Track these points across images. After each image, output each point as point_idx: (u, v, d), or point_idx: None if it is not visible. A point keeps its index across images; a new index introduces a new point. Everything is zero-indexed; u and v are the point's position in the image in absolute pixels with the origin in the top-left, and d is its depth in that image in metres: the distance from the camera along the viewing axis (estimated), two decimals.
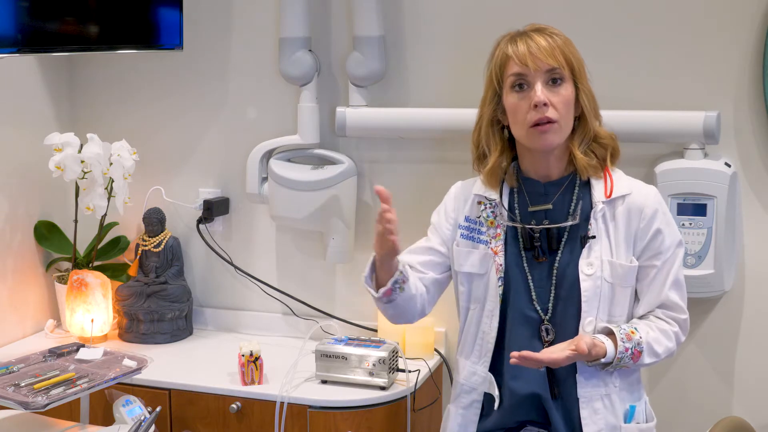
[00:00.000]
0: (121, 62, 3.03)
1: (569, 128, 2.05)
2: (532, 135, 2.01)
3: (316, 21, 2.79)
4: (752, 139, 2.50)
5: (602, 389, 2.03)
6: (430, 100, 2.73)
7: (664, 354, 2.04)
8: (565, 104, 2.01)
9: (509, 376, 2.07)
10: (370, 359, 2.47)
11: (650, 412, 2.14)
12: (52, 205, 3.02)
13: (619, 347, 1.96)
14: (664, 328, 2.05)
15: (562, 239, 2.06)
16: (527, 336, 2.05)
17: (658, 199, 2.09)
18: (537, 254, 2.07)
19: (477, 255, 2.12)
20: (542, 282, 2.06)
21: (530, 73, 2.00)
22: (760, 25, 2.44)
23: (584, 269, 2.02)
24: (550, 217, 2.07)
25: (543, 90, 1.99)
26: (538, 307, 2.05)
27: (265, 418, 2.47)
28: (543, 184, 2.09)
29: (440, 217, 2.22)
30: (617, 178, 2.09)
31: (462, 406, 2.15)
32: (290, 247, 2.95)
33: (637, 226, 2.05)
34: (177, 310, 2.89)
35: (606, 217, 2.05)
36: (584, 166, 2.05)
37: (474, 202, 2.16)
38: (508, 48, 2.04)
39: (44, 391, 2.05)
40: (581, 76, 2.05)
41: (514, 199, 2.11)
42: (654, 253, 2.05)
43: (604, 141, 2.09)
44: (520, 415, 2.07)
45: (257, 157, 2.85)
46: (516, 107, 2.02)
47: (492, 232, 2.11)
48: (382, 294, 2.05)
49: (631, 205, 2.05)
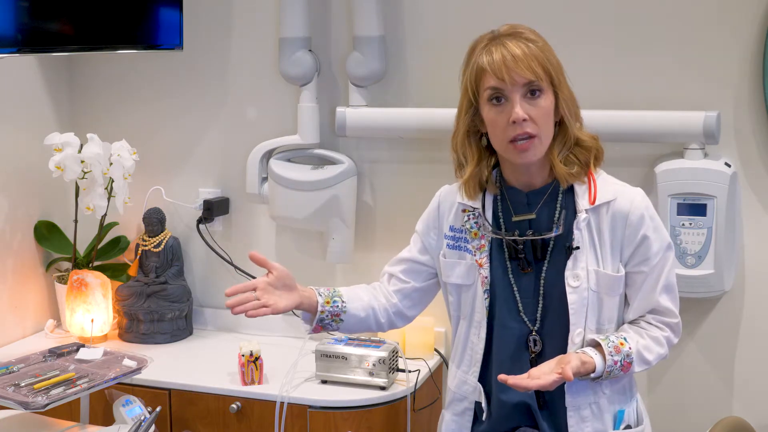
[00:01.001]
0: (121, 62, 3.04)
1: (549, 139, 1.98)
2: (511, 151, 1.95)
3: (316, 21, 2.79)
4: (752, 139, 2.50)
5: (590, 397, 2.00)
6: (430, 100, 2.73)
7: (655, 361, 2.00)
8: (544, 116, 1.94)
9: (498, 386, 2.05)
10: (370, 359, 2.47)
11: (641, 413, 2.09)
12: (52, 205, 3.02)
13: (608, 361, 1.92)
14: (655, 335, 2.01)
15: (547, 249, 2.01)
16: (515, 347, 2.02)
17: (645, 203, 2.01)
18: (522, 265, 2.02)
19: (464, 266, 2.08)
20: (529, 293, 2.02)
21: (507, 87, 1.92)
22: (760, 25, 2.44)
23: (570, 281, 1.97)
24: (535, 226, 2.01)
25: (521, 104, 1.92)
26: (525, 319, 2.02)
27: (265, 418, 2.47)
28: (525, 193, 2.03)
29: (425, 226, 2.18)
30: (601, 183, 2.02)
31: (455, 413, 2.13)
32: (290, 247, 2.95)
33: (623, 233, 1.99)
34: (177, 310, 2.89)
35: (591, 225, 1.99)
36: (563, 175, 1.99)
37: (458, 210, 2.10)
38: (483, 58, 1.96)
39: (44, 391, 2.05)
40: (560, 84, 1.97)
41: (498, 208, 2.06)
42: (642, 259, 2.00)
43: (587, 143, 2.01)
44: (511, 422, 2.06)
45: (257, 157, 2.85)
46: (494, 121, 1.96)
47: (476, 243, 2.06)
48: (311, 331, 2.10)
49: (616, 212, 1.99)
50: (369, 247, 2.88)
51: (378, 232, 2.86)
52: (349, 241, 2.80)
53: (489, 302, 2.03)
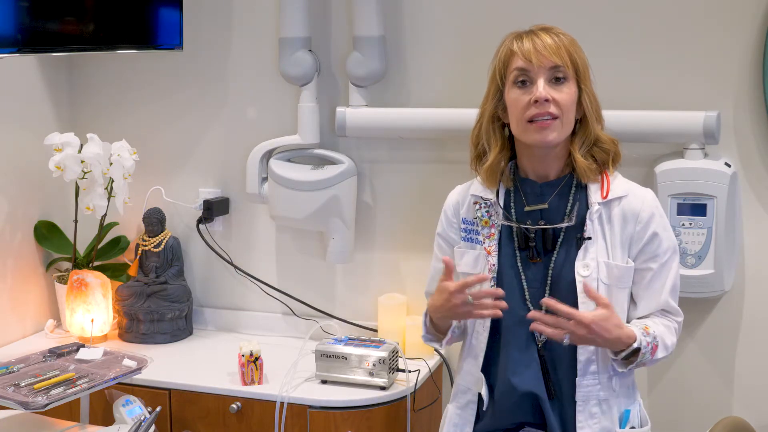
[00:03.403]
0: (121, 62, 3.03)
1: (569, 128, 2.03)
2: (529, 130, 1.99)
3: (316, 21, 2.79)
4: (752, 139, 2.50)
5: (600, 393, 2.03)
6: (430, 100, 2.73)
7: (671, 348, 2.04)
8: (567, 103, 1.99)
9: (502, 375, 2.06)
10: (370, 359, 2.47)
11: (644, 415, 2.12)
12: (52, 205, 3.02)
13: (642, 341, 1.95)
14: (666, 323, 2.06)
15: (557, 240, 2.05)
16: (521, 336, 2.04)
17: (656, 203, 2.07)
18: (532, 254, 2.05)
19: (471, 255, 2.12)
20: (536, 282, 2.05)
21: (533, 69, 1.99)
22: (760, 25, 2.44)
23: (580, 271, 2.01)
24: (546, 217, 2.06)
25: (545, 86, 1.98)
26: (531, 308, 2.04)
27: (265, 418, 2.47)
28: (539, 184, 2.07)
29: (443, 227, 2.21)
30: (614, 180, 2.08)
31: (459, 406, 2.15)
32: (290, 247, 2.95)
33: (633, 229, 2.03)
34: (177, 310, 2.89)
35: (602, 218, 2.04)
36: (584, 169, 2.03)
37: (470, 203, 2.15)
38: (513, 44, 2.03)
39: (44, 391, 2.05)
40: (585, 78, 2.03)
41: (510, 199, 2.10)
42: (650, 255, 2.04)
43: (606, 146, 2.06)
44: (516, 415, 2.06)
45: (257, 157, 2.85)
46: (516, 102, 2.01)
47: (486, 231, 2.10)
48: (446, 343, 2.15)
49: (626, 208, 2.04)
50: (369, 247, 2.88)
51: (378, 232, 2.86)
52: (349, 241, 2.80)
53: None
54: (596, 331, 1.89)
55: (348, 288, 2.91)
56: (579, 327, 1.89)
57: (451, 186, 2.27)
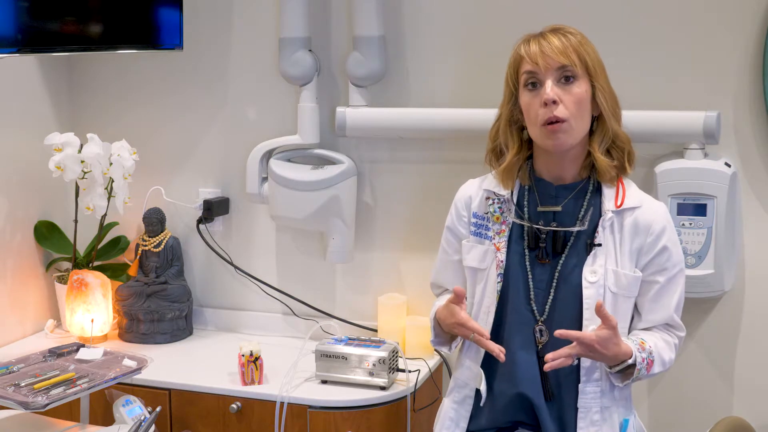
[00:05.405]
0: (121, 62, 3.03)
1: (582, 129, 2.02)
2: (544, 134, 2.00)
3: (316, 21, 2.79)
4: (752, 139, 2.50)
5: (603, 400, 2.03)
6: (430, 100, 2.73)
7: (668, 364, 2.06)
8: (577, 102, 1.99)
9: (501, 373, 2.06)
10: (370, 359, 2.47)
11: (640, 425, 2.15)
12: (52, 205, 3.02)
13: (637, 357, 1.96)
14: (667, 339, 2.07)
15: (567, 243, 2.05)
16: (522, 335, 2.05)
17: (668, 217, 2.08)
18: (541, 255, 2.06)
19: (480, 250, 2.12)
20: (542, 283, 2.05)
21: (540, 72, 1.99)
22: (760, 25, 2.44)
23: (588, 276, 2.01)
24: (559, 219, 2.06)
25: (553, 88, 1.98)
26: (534, 308, 2.05)
27: (265, 418, 2.47)
28: (555, 186, 2.07)
29: (452, 220, 2.22)
30: (629, 188, 2.08)
31: (455, 401, 2.16)
32: (290, 247, 2.95)
33: (644, 240, 2.03)
34: (177, 310, 2.89)
35: (614, 226, 2.04)
36: (606, 167, 2.03)
37: (483, 197, 2.16)
38: (521, 48, 2.04)
39: (44, 391, 2.05)
40: (597, 75, 2.03)
41: (524, 197, 2.11)
42: (659, 268, 2.04)
43: (622, 144, 2.07)
44: (511, 414, 2.07)
45: (257, 157, 2.85)
46: (529, 106, 2.02)
47: (497, 227, 2.10)
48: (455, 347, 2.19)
49: (639, 219, 2.04)
50: (369, 247, 2.87)
51: (378, 232, 2.86)
52: (349, 241, 2.80)
53: (501, 287, 2.06)
54: (596, 350, 1.91)
55: (348, 288, 2.91)
56: (581, 346, 1.91)
57: (452, 186, 2.27)
